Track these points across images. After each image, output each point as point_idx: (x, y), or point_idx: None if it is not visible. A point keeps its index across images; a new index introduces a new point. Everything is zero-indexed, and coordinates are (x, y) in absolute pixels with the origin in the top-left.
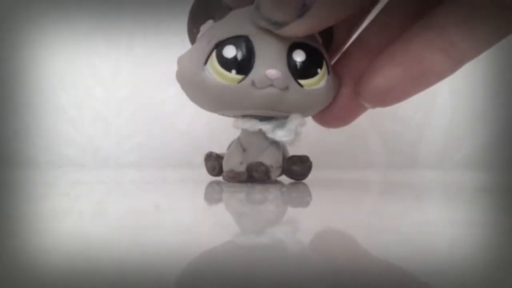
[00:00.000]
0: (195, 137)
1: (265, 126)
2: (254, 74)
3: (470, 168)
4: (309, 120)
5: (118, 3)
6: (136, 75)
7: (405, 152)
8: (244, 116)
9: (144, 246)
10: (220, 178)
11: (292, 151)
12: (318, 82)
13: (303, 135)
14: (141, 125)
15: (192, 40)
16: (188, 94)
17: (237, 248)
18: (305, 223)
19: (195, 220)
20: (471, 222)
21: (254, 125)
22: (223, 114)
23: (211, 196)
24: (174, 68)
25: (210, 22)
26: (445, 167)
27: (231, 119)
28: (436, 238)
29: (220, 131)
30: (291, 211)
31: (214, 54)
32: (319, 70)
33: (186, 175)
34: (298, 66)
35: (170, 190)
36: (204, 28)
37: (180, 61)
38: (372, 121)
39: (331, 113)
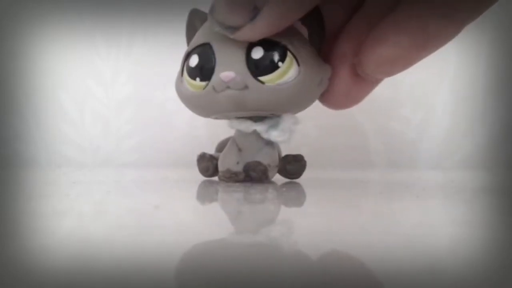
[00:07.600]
0: (195, 137)
1: (260, 127)
2: (213, 79)
3: (470, 168)
4: (309, 119)
5: (118, 3)
6: (136, 75)
7: (405, 151)
8: (238, 118)
9: (143, 246)
10: (215, 179)
11: (291, 150)
12: (282, 75)
13: (303, 134)
14: (141, 125)
15: None
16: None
17: (233, 247)
18: (302, 223)
19: (195, 220)
20: (471, 222)
21: (249, 126)
22: (216, 118)
23: (211, 196)
24: (174, 68)
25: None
26: (445, 167)
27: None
28: (436, 238)
29: (220, 131)
30: (289, 211)
31: (185, 65)
32: (280, 64)
33: (186, 175)
34: (257, 63)
35: (170, 190)
36: None
37: None
38: (372, 120)
39: (334, 92)
